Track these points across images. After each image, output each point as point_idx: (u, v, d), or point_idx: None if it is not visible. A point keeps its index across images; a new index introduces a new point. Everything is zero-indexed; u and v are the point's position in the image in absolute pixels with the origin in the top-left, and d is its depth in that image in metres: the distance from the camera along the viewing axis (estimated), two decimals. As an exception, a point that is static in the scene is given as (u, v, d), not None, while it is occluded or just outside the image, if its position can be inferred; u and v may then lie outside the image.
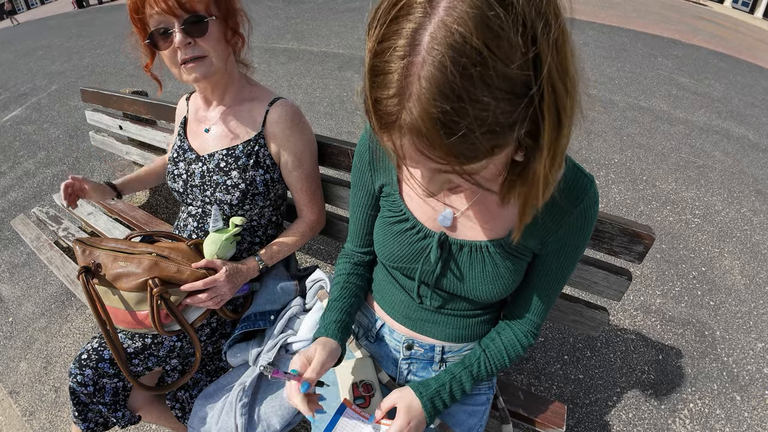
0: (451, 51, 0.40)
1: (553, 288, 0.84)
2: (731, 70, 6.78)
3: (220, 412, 1.09)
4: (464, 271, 0.81)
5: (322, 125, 4.25)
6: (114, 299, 1.07)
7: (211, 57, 1.06)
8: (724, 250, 2.68)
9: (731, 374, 1.93)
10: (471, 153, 0.46)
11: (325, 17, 8.98)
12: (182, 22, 0.99)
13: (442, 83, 0.41)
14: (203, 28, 1.02)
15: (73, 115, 5.28)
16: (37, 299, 2.48)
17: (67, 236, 1.95)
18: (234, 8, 1.10)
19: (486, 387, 1.01)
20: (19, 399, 1.94)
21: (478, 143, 0.45)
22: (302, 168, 1.21)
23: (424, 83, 0.42)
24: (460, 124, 0.43)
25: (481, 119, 0.43)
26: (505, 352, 0.88)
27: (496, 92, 0.42)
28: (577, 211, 0.72)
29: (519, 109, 0.44)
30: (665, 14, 12.12)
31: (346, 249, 1.06)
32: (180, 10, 0.98)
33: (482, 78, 0.41)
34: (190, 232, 1.23)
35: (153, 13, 0.99)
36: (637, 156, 3.73)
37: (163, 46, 1.03)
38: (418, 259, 0.84)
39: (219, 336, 1.24)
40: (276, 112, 1.15)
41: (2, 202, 3.60)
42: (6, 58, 10.12)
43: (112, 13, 14.51)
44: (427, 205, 0.82)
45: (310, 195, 1.25)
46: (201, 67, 1.05)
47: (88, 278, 1.06)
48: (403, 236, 0.84)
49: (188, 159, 1.22)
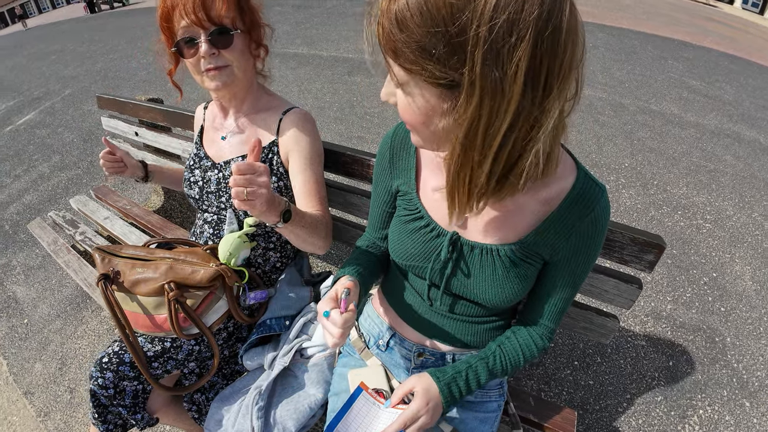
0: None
1: (566, 294, 0.85)
2: (742, 72, 6.73)
3: (236, 415, 1.11)
4: (474, 273, 0.83)
5: (332, 130, 4.27)
6: (133, 304, 1.10)
7: (233, 67, 1.11)
8: (736, 255, 2.67)
9: (741, 380, 1.92)
10: (392, 45, 0.56)
11: (335, 22, 9.04)
12: (208, 33, 1.04)
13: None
14: (228, 41, 1.07)
15: (87, 120, 5.35)
16: (52, 301, 2.52)
17: (83, 240, 1.99)
18: (258, 22, 1.14)
19: (497, 394, 1.02)
20: (33, 400, 1.97)
21: (400, 39, 0.54)
22: (311, 170, 1.18)
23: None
24: (393, 14, 0.53)
25: (404, 18, 0.53)
26: (521, 350, 0.89)
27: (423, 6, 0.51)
28: (588, 220, 0.74)
29: (429, 36, 0.52)
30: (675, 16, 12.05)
31: (364, 235, 1.09)
32: (208, 23, 1.03)
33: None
34: (206, 239, 1.27)
35: (182, 23, 1.04)
36: (647, 160, 3.71)
37: (188, 54, 1.08)
38: (430, 257, 0.85)
39: (235, 340, 1.27)
40: (289, 120, 1.19)
41: (17, 205, 3.66)
42: (19, 62, 10.28)
43: (124, 18, 14.70)
44: (443, 203, 0.84)
45: (320, 199, 1.19)
46: (223, 76, 1.10)
47: (107, 285, 1.09)
48: (417, 234, 0.86)
49: (204, 166, 1.25)
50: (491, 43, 0.49)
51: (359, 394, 0.84)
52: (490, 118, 0.54)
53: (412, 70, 0.56)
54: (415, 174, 0.88)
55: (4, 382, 2.08)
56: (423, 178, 0.87)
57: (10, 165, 4.49)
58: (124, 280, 1.10)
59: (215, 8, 1.03)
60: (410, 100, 0.61)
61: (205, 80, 1.11)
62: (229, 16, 1.06)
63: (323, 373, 1.15)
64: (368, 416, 0.82)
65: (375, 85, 5.33)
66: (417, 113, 0.62)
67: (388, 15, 0.54)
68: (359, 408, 0.82)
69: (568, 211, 0.73)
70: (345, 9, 10.23)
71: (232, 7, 1.06)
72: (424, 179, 0.87)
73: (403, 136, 0.89)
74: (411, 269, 0.91)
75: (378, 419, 0.81)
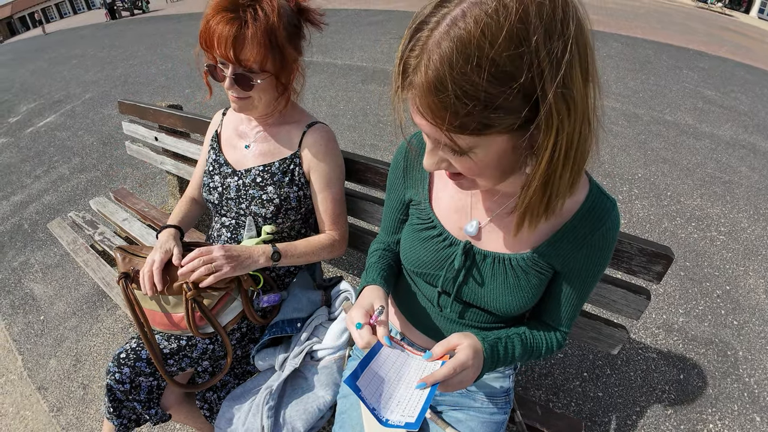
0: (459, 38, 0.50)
1: (575, 302, 0.86)
2: (758, 83, 6.64)
3: (246, 414, 1.14)
4: (486, 281, 0.84)
5: (345, 138, 4.31)
6: (151, 303, 1.13)
7: (254, 99, 1.14)
8: (749, 268, 2.63)
9: (752, 395, 1.89)
10: (456, 121, 0.54)
11: (349, 31, 9.13)
12: (234, 71, 1.07)
13: (447, 56, 0.51)
14: (249, 85, 1.10)
15: (107, 124, 5.46)
16: (69, 299, 2.58)
17: (102, 240, 2.05)
18: (289, 65, 1.14)
19: (503, 401, 1.03)
20: (47, 395, 2.00)
21: (463, 113, 0.53)
22: (329, 191, 1.26)
23: (436, 52, 0.52)
24: (450, 90, 0.52)
25: (466, 91, 0.51)
26: (543, 338, 0.88)
27: (484, 74, 0.50)
28: (599, 234, 0.75)
29: (504, 96, 0.52)
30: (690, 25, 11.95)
31: (378, 237, 1.12)
32: (235, 63, 1.06)
33: (477, 60, 0.50)
34: (223, 242, 1.30)
35: (213, 52, 1.07)
36: (661, 171, 3.68)
37: (217, 76, 1.11)
38: (443, 266, 0.87)
39: (248, 341, 1.30)
40: (312, 136, 1.23)
41: (36, 205, 3.75)
42: (40, 66, 10.52)
43: (144, 25, 15.00)
44: (455, 214, 0.86)
45: (334, 218, 1.29)
46: (242, 104, 1.14)
47: (128, 283, 1.13)
48: (429, 243, 0.88)
49: (224, 173, 1.28)
50: (555, 68, 0.51)
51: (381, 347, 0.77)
52: (571, 129, 0.56)
53: (483, 133, 0.56)
54: (429, 185, 0.90)
55: (19, 377, 2.12)
56: (436, 189, 0.90)
57: (30, 166, 4.61)
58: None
59: (244, 51, 1.04)
60: (478, 158, 0.61)
61: (229, 98, 1.16)
62: (258, 60, 1.06)
63: (332, 375, 1.18)
64: (396, 363, 0.75)
65: (388, 94, 5.35)
66: (486, 165, 0.62)
67: (443, 97, 0.53)
68: (385, 357, 0.75)
69: (581, 224, 0.75)
70: (359, 18, 10.35)
71: (264, 51, 1.05)
72: (436, 191, 0.90)
73: (417, 149, 0.92)
74: (423, 276, 0.93)
75: (408, 367, 0.75)
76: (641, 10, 13.38)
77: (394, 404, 0.69)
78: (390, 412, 0.67)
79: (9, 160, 4.88)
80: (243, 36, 1.02)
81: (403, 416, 0.66)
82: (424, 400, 0.67)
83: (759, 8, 24.17)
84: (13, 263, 3.01)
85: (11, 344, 2.31)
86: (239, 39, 1.02)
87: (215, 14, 1.02)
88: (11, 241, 3.28)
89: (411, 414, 0.65)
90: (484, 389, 1.03)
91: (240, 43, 1.03)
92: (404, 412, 0.67)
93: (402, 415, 0.66)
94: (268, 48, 1.05)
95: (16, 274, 2.89)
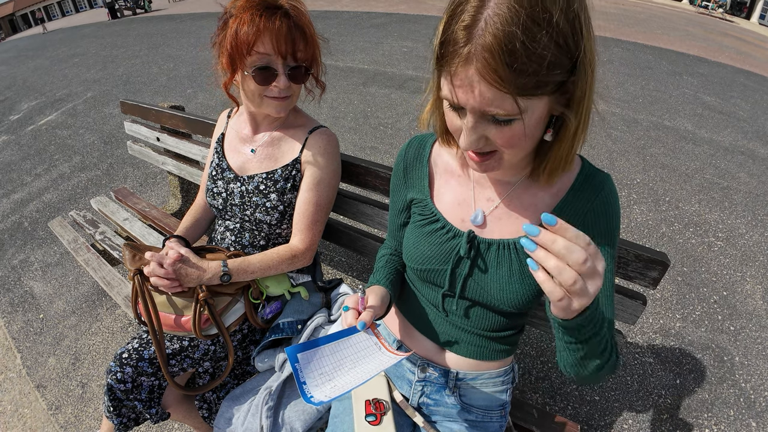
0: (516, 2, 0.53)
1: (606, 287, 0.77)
2: (758, 89, 6.66)
3: (245, 414, 1.14)
4: (491, 270, 0.84)
5: (346, 140, 4.32)
6: (160, 302, 1.14)
7: (293, 97, 1.17)
8: (747, 274, 2.65)
9: (748, 400, 1.90)
10: (521, 81, 0.55)
11: (351, 33, 9.15)
12: (288, 68, 1.09)
13: (514, 16, 0.53)
14: (303, 77, 1.14)
15: (108, 123, 5.45)
16: (68, 298, 2.58)
17: (103, 240, 2.06)
18: (318, 59, 1.18)
19: (498, 415, 1.02)
20: (45, 393, 2.01)
21: (529, 72, 0.55)
22: (315, 192, 1.23)
23: (499, 15, 0.53)
24: (520, 53, 0.53)
25: (534, 50, 0.54)
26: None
27: (551, 35, 0.54)
28: (599, 200, 0.77)
29: (562, 57, 0.56)
30: (691, 31, 11.99)
31: (385, 243, 1.14)
32: (291, 58, 1.08)
33: (543, 20, 0.53)
34: (227, 245, 1.31)
35: (261, 49, 1.04)
36: (660, 176, 3.70)
37: (263, 81, 1.09)
38: (448, 259, 0.87)
39: (249, 342, 1.31)
40: (314, 139, 1.24)
41: (37, 203, 3.75)
42: (42, 64, 10.50)
43: (146, 24, 14.99)
44: (458, 207, 0.88)
45: (309, 223, 1.23)
46: (285, 105, 1.16)
47: (143, 280, 1.12)
48: (433, 236, 0.89)
49: (227, 178, 1.29)
50: (586, 24, 0.57)
51: (356, 331, 0.76)
52: (591, 78, 0.61)
53: (536, 94, 0.58)
54: (429, 182, 0.92)
55: (17, 375, 2.12)
56: (436, 186, 0.92)
57: (30, 164, 4.61)
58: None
59: (299, 45, 1.07)
60: (525, 123, 0.61)
61: (263, 104, 1.14)
62: (307, 51, 1.11)
63: (332, 377, 1.18)
64: (362, 352, 0.74)
65: (389, 97, 5.38)
66: (525, 133, 0.64)
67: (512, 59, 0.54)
68: (355, 342, 0.75)
69: (576, 197, 0.77)
70: (361, 20, 10.36)
71: (309, 42, 1.10)
72: (437, 187, 0.91)
73: (416, 149, 0.94)
74: (427, 275, 0.92)
75: (370, 358, 0.73)
76: (642, 16, 13.43)
77: (328, 386, 0.68)
78: (319, 392, 0.67)
79: (10, 157, 4.88)
80: (292, 29, 1.05)
81: (326, 397, 0.65)
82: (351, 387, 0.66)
83: (760, 14, 24.28)
84: (13, 261, 3.01)
85: (10, 342, 2.32)
86: (291, 32, 1.05)
87: (258, 13, 1.01)
88: (11, 239, 3.29)
89: (330, 395, 0.65)
90: (481, 402, 1.01)
91: (292, 36, 1.06)
92: (329, 393, 0.66)
93: (326, 396, 0.65)
94: (310, 40, 1.11)
95: (15, 272, 2.89)
